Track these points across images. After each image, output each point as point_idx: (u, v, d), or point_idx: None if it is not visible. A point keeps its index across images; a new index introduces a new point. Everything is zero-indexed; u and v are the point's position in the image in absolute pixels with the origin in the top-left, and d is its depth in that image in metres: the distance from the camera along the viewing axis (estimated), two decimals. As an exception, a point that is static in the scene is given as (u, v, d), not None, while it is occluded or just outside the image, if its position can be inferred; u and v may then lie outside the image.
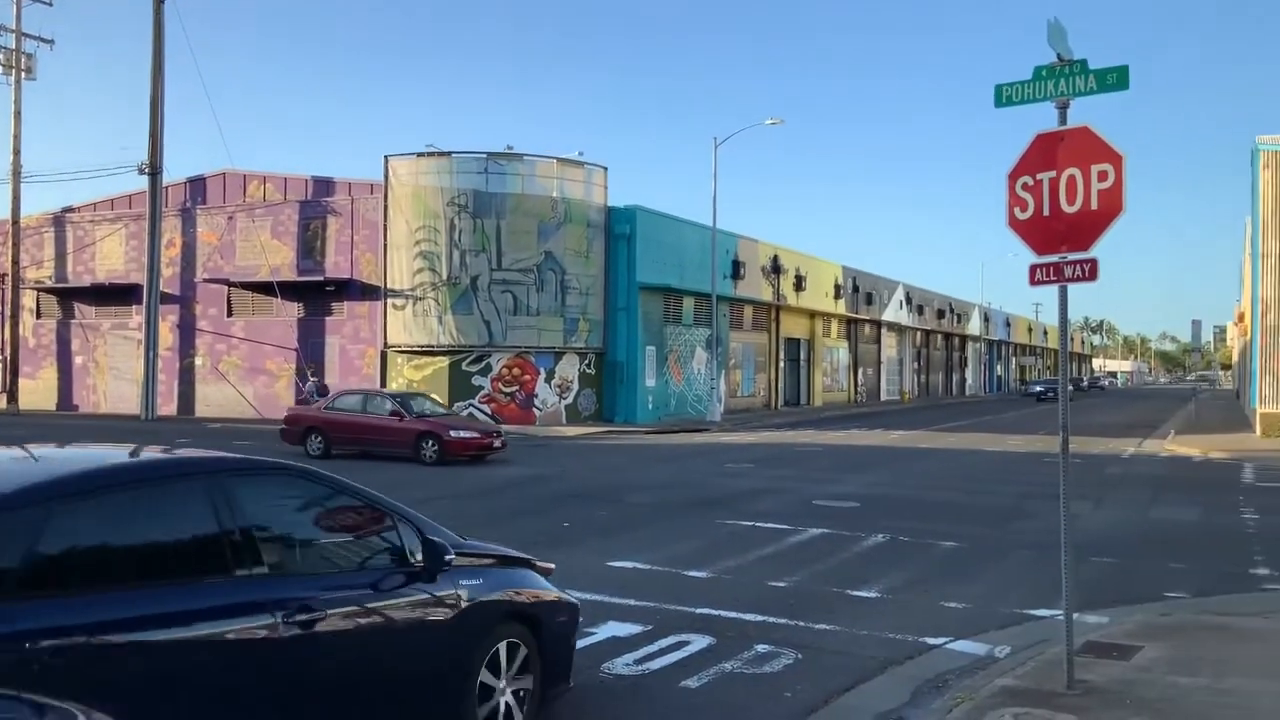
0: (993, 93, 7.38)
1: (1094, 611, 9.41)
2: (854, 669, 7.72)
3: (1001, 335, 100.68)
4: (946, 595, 10.34)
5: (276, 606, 4.68)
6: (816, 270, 56.03)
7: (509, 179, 37.57)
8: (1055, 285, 7.26)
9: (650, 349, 41.02)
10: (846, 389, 63.38)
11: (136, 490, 4.63)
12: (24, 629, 3.83)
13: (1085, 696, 6.67)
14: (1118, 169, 6.83)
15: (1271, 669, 7.38)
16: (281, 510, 5.27)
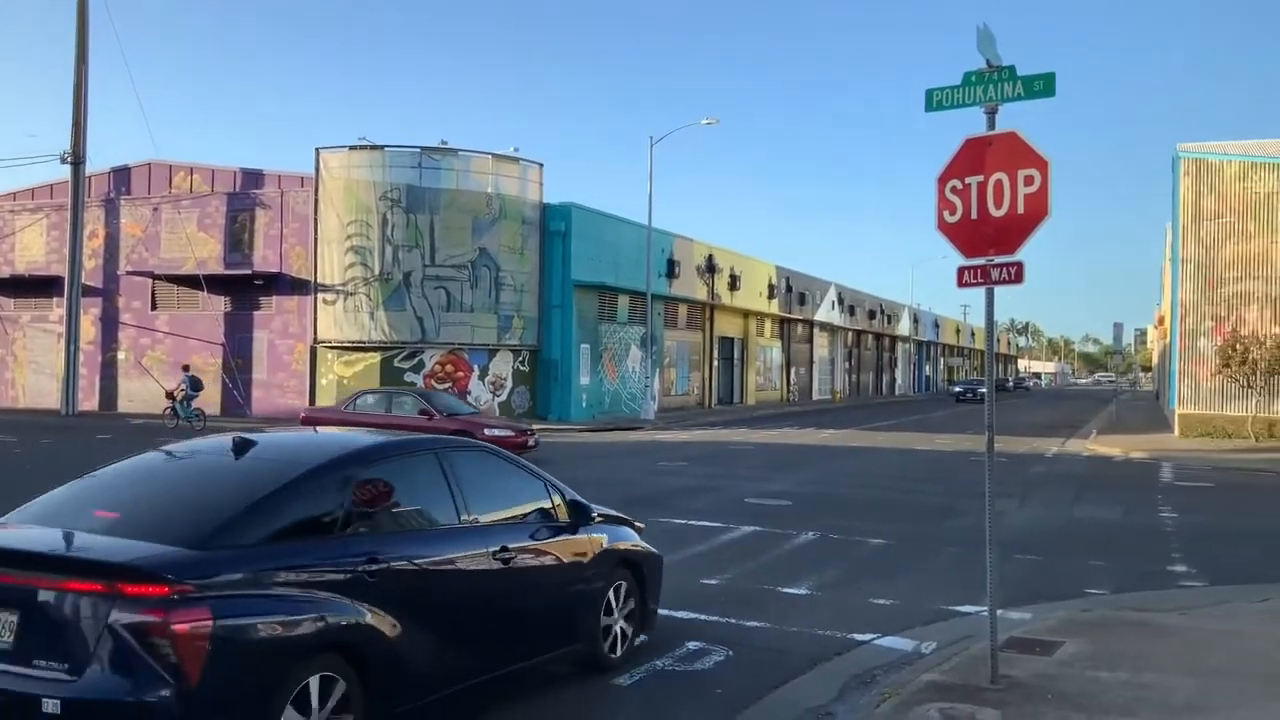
0: (924, 97, 7.48)
1: (1018, 608, 9.61)
2: (784, 665, 7.78)
3: (930, 336, 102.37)
4: (875, 592, 10.47)
5: (486, 546, 6.50)
6: (751, 270, 56.44)
7: (443, 174, 37.27)
8: (982, 287, 7.38)
9: (585, 347, 41.00)
10: (779, 388, 63.94)
11: (400, 459, 6.42)
12: (354, 561, 5.53)
13: (1008, 691, 6.80)
14: (1044, 174, 6.97)
15: (1188, 664, 7.59)
16: (480, 476, 6.92)
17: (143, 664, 4.61)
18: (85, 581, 4.77)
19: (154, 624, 4.61)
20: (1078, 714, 6.35)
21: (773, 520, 15.11)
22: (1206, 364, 34.11)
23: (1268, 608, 9.69)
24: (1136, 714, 6.37)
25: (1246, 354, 31.91)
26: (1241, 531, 15.34)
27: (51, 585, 4.79)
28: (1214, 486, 21.50)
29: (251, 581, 5.05)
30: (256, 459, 6.13)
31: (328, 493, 5.76)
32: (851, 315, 75.12)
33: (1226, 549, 13.61)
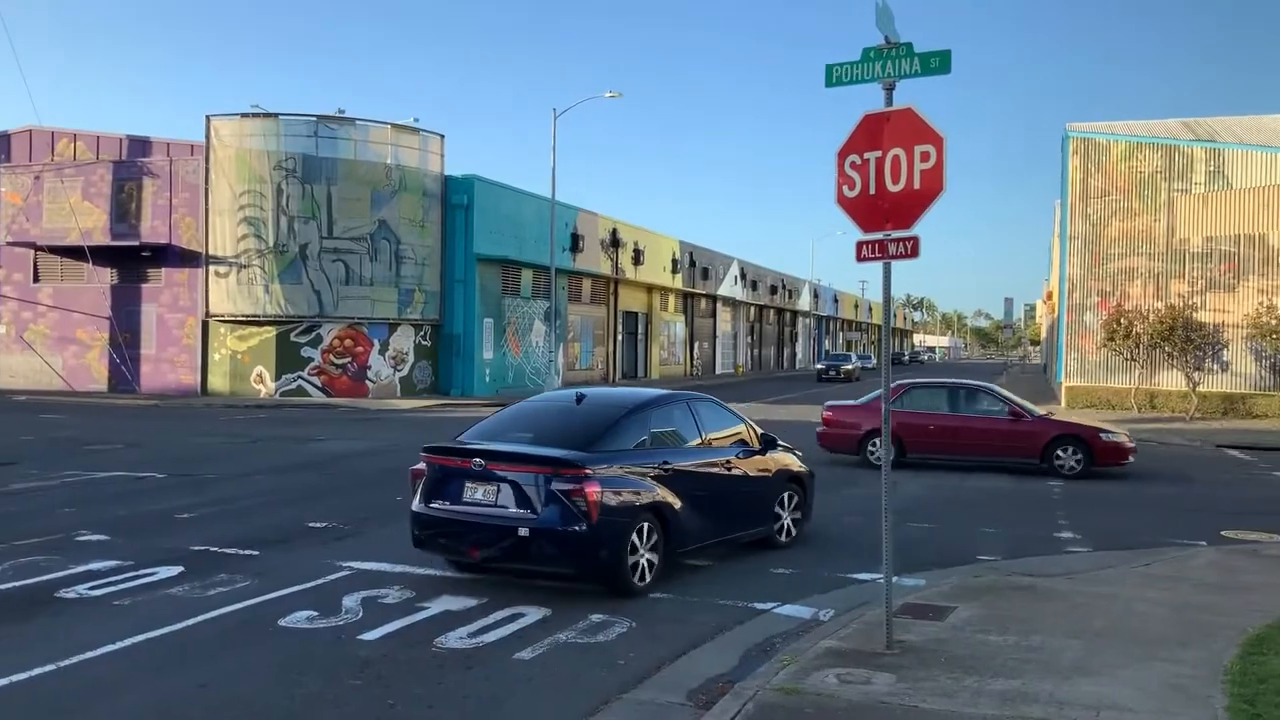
0: (824, 72, 7.55)
1: (913, 574, 9.85)
2: (686, 636, 7.86)
3: (830, 311, 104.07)
4: (776, 562, 10.63)
5: (718, 457, 10.45)
6: (655, 245, 56.54)
7: (340, 144, 36.43)
8: (880, 262, 7.50)
9: (488, 321, 40.64)
10: (683, 362, 64.34)
11: (666, 404, 10.35)
12: (653, 463, 9.47)
13: (903, 656, 6.98)
14: (939, 150, 7.10)
15: (1073, 626, 7.88)
16: (710, 415, 10.86)
17: (569, 510, 8.63)
18: (538, 468, 8.84)
19: (575, 490, 8.64)
20: (969, 676, 6.54)
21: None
22: (1092, 337, 35.37)
23: (1148, 572, 10.10)
24: (1024, 675, 6.59)
25: (1130, 328, 33.16)
26: (1125, 499, 15.97)
27: (519, 469, 8.91)
28: (1098, 455, 22.29)
29: (614, 469, 9.05)
30: (593, 404, 10.19)
31: (640, 423, 9.82)
32: (754, 290, 75.87)
33: (1109, 515, 14.16)
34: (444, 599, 8.77)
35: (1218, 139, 34.33)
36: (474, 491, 9.05)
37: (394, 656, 7.22)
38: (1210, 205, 33.60)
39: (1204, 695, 6.22)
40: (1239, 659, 6.95)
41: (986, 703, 6.05)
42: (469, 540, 9.07)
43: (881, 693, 6.22)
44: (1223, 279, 33.20)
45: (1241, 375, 32.67)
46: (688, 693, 6.53)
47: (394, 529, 12.12)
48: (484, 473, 8.98)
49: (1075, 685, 6.40)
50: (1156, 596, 8.97)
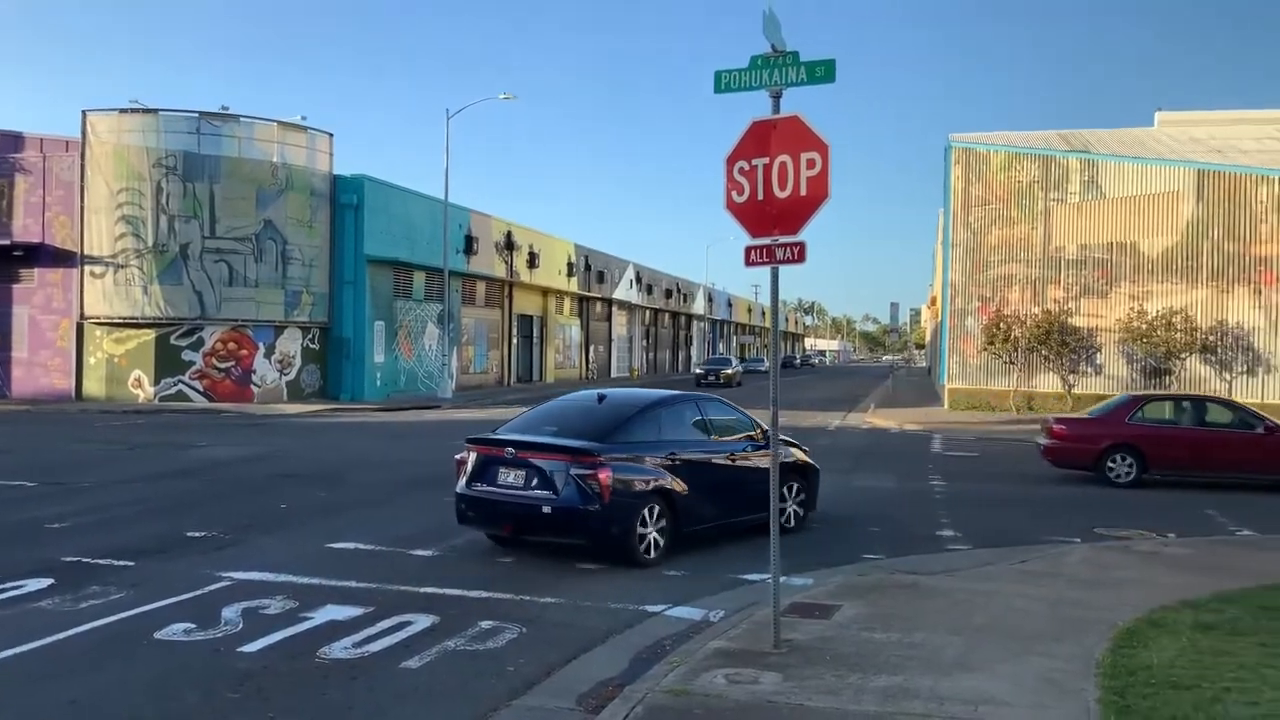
0: (713, 79, 7.61)
1: (801, 574, 10.01)
2: (577, 640, 7.83)
3: (724, 315, 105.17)
4: (668, 564, 10.66)
5: (723, 451, 11.77)
6: (550, 248, 56.38)
7: (224, 141, 35.42)
8: (768, 266, 7.60)
9: (379, 324, 39.97)
10: (578, 366, 64.29)
11: (677, 403, 11.80)
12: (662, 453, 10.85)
13: (790, 655, 7.07)
14: (824, 157, 7.22)
15: (954, 623, 8.09)
16: (718, 413, 12.29)
17: (585, 492, 10.07)
18: (560, 455, 10.31)
19: (590, 475, 10.09)
20: (853, 674, 6.66)
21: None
22: (973, 341, 36.47)
23: (1025, 569, 10.44)
24: (906, 671, 6.74)
25: (1009, 332, 34.32)
26: (1003, 497, 16.49)
27: (544, 457, 10.38)
28: (979, 456, 23.03)
29: (626, 458, 10.47)
30: (611, 402, 11.63)
31: (652, 419, 11.28)
32: (649, 294, 76.24)
33: (989, 514, 14.60)
34: (329, 609, 8.57)
35: (1091, 150, 35.76)
36: (506, 476, 10.62)
37: (275, 669, 7.03)
38: (1084, 214, 34.97)
39: (1077, 688, 6.44)
40: (1110, 652, 7.23)
41: (870, 699, 6.17)
42: (502, 517, 10.72)
43: (768, 692, 6.29)
44: (1096, 285, 34.57)
45: (1114, 378, 34.06)
46: (577, 697, 6.51)
47: (278, 537, 11.84)
48: (515, 460, 10.55)
49: (955, 681, 6.57)
50: (1033, 592, 9.27)
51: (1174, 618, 8.20)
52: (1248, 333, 31.55)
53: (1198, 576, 10.04)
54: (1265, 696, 6.14)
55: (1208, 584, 9.58)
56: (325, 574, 9.80)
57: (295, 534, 12.06)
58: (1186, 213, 32.83)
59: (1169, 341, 31.79)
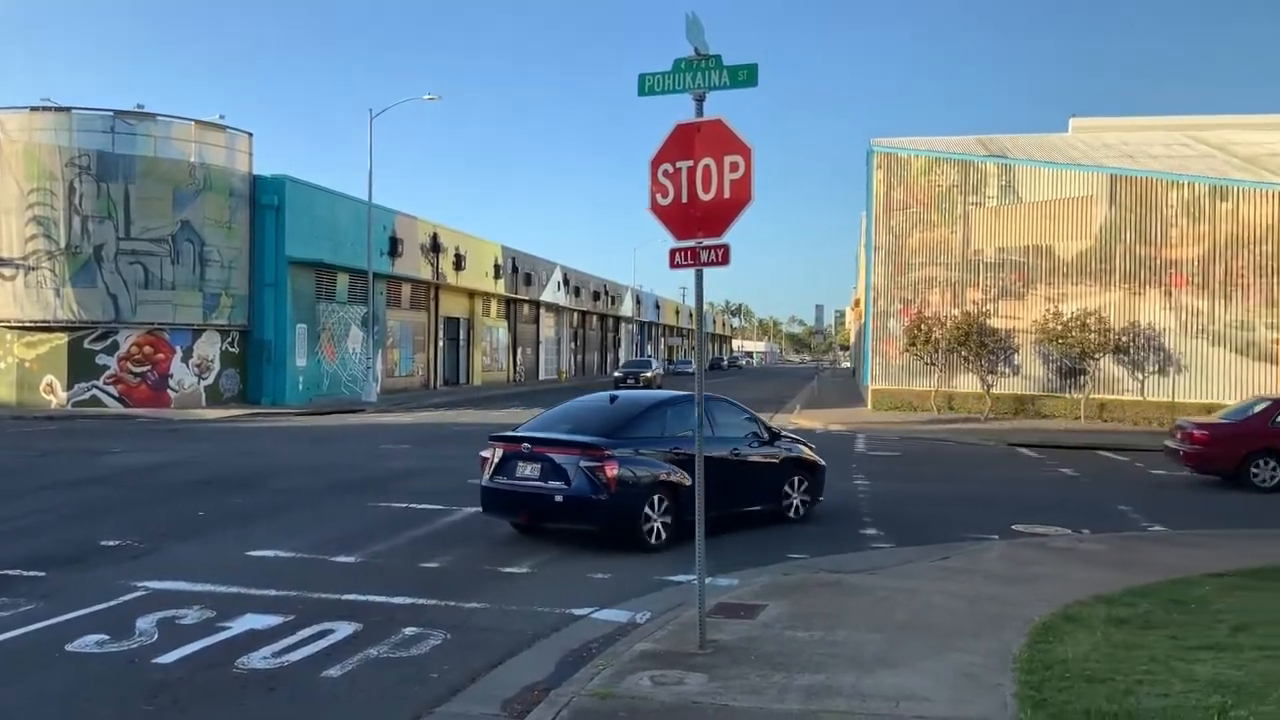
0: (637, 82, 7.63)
1: (727, 574, 10.06)
2: (503, 645, 7.77)
3: (652, 317, 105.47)
4: (594, 567, 10.66)
5: (728, 447, 12.66)
6: (477, 250, 55.99)
7: (139, 140, 34.57)
8: (693, 268, 7.63)
9: (301, 327, 39.31)
10: (506, 368, 63.93)
11: (681, 404, 12.43)
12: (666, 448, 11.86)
13: (715, 655, 7.10)
14: (747, 160, 7.28)
15: (876, 620, 8.20)
16: (722, 413, 13.18)
17: (594, 483, 11.01)
18: (571, 450, 11.28)
19: (598, 467, 11.02)
20: (777, 673, 6.72)
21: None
22: (896, 343, 37.06)
23: (945, 566, 10.64)
24: (829, 669, 6.82)
25: (930, 334, 34.93)
26: (924, 496, 16.77)
27: (557, 452, 11.34)
28: (901, 455, 23.40)
29: (632, 453, 11.43)
30: (621, 402, 12.75)
31: (658, 417, 12.27)
32: (577, 296, 76.14)
33: (911, 512, 14.83)
34: (248, 618, 8.39)
35: (1009, 155, 36.57)
36: (524, 469, 11.61)
37: (191, 680, 6.87)
38: (1002, 218, 35.75)
39: (995, 683, 6.57)
40: (1027, 647, 7.38)
41: (793, 698, 6.22)
42: (520, 506, 11.78)
43: (693, 693, 6.31)
44: (1013, 287, 35.35)
45: (1031, 378, 34.86)
46: (502, 703, 6.46)
47: (195, 545, 11.57)
48: (531, 454, 11.57)
49: (877, 677, 6.66)
50: (953, 589, 9.44)
51: (1088, 612, 8.41)
52: (1159, 333, 32.53)
53: (1111, 572, 10.31)
54: (1175, 688, 6.32)
55: (1121, 579, 9.84)
56: (244, 582, 9.59)
57: (213, 542, 11.80)
58: (1100, 217, 33.74)
59: (1084, 342, 32.63)
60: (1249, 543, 12.12)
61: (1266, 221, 30.40)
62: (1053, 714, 5.83)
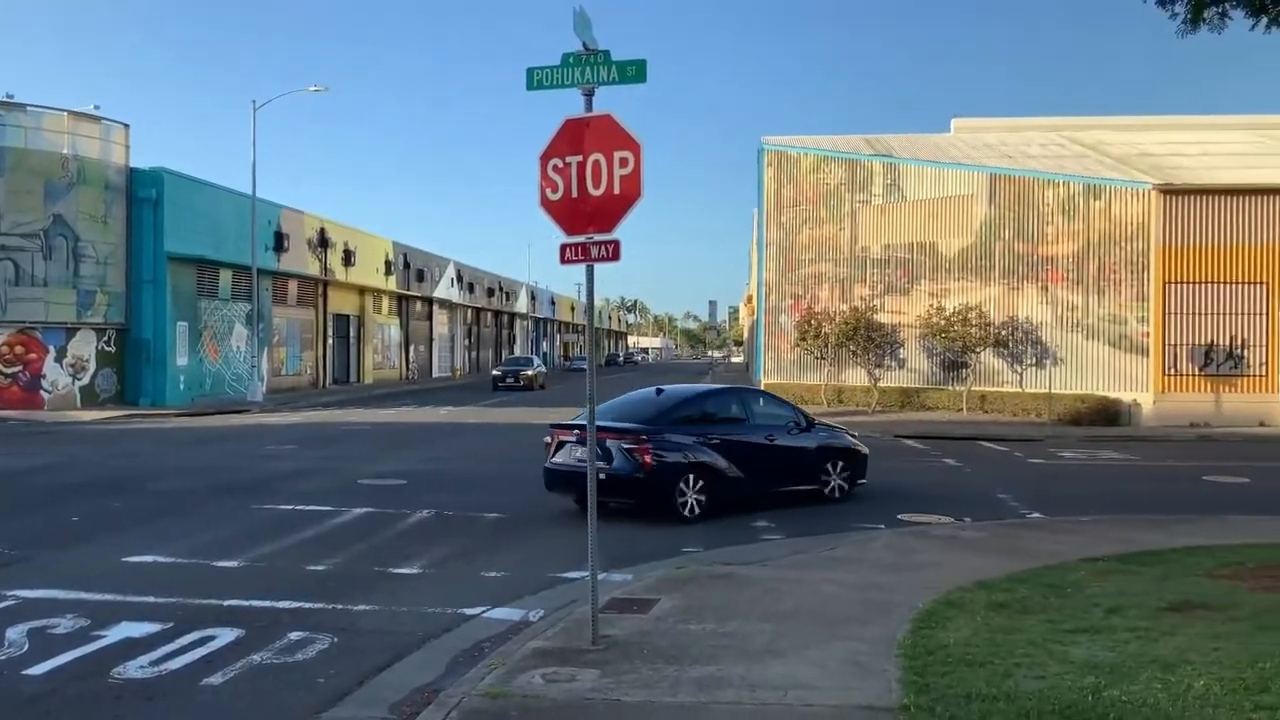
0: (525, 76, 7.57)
1: (621, 570, 10.08)
2: (392, 647, 7.65)
3: (547, 313, 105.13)
4: (488, 566, 10.57)
5: (762, 434, 14.52)
6: (367, 245, 54.97)
7: (8, 131, 33.04)
8: (584, 264, 7.62)
9: (182, 325, 38.04)
10: (398, 366, 62.96)
11: (721, 395, 15.50)
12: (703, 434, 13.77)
13: (607, 651, 7.10)
14: (636, 156, 7.29)
15: (765, 611, 8.30)
16: (759, 403, 15.37)
17: (632, 462, 12.92)
18: (613, 435, 12.96)
19: (635, 449, 12.95)
20: (669, 666, 6.75)
21: (386, 501, 14.83)
22: (787, 338, 37.66)
23: (834, 556, 10.84)
24: (720, 661, 6.88)
25: (820, 329, 35.59)
26: (814, 488, 17.04)
27: (601, 437, 12.23)
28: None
29: (667, 438, 13.19)
30: (666, 395, 14.36)
31: (695, 406, 14.26)
32: (471, 292, 75.37)
33: (802, 505, 15.03)
34: (124, 626, 8.08)
35: (894, 154, 37.45)
36: (575, 451, 13.47)
37: (64, 691, 6.58)
38: (888, 216, 36.60)
39: (880, 669, 6.71)
40: (911, 634, 7.56)
41: (684, 691, 6.26)
42: (572, 484, 13.25)
43: (585, 689, 6.30)
44: (899, 283, 36.24)
45: (916, 371, 35.78)
46: (390, 706, 6.35)
47: (69, 552, 11.11)
48: (580, 439, 13.23)
49: (766, 667, 6.74)
50: (841, 578, 9.62)
51: (969, 598, 8.66)
52: (1036, 327, 33.69)
53: (992, 558, 10.63)
54: (1051, 670, 6.54)
55: (1000, 565, 10.15)
56: (120, 589, 9.24)
57: (88, 548, 11.34)
58: (980, 214, 34.79)
59: (965, 336, 33.62)
60: (1121, 528, 12.62)
61: (1136, 219, 31.76)
62: (935, 698, 5.98)
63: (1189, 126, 41.61)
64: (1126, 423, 30.45)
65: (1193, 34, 10.00)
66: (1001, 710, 5.72)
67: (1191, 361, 31.06)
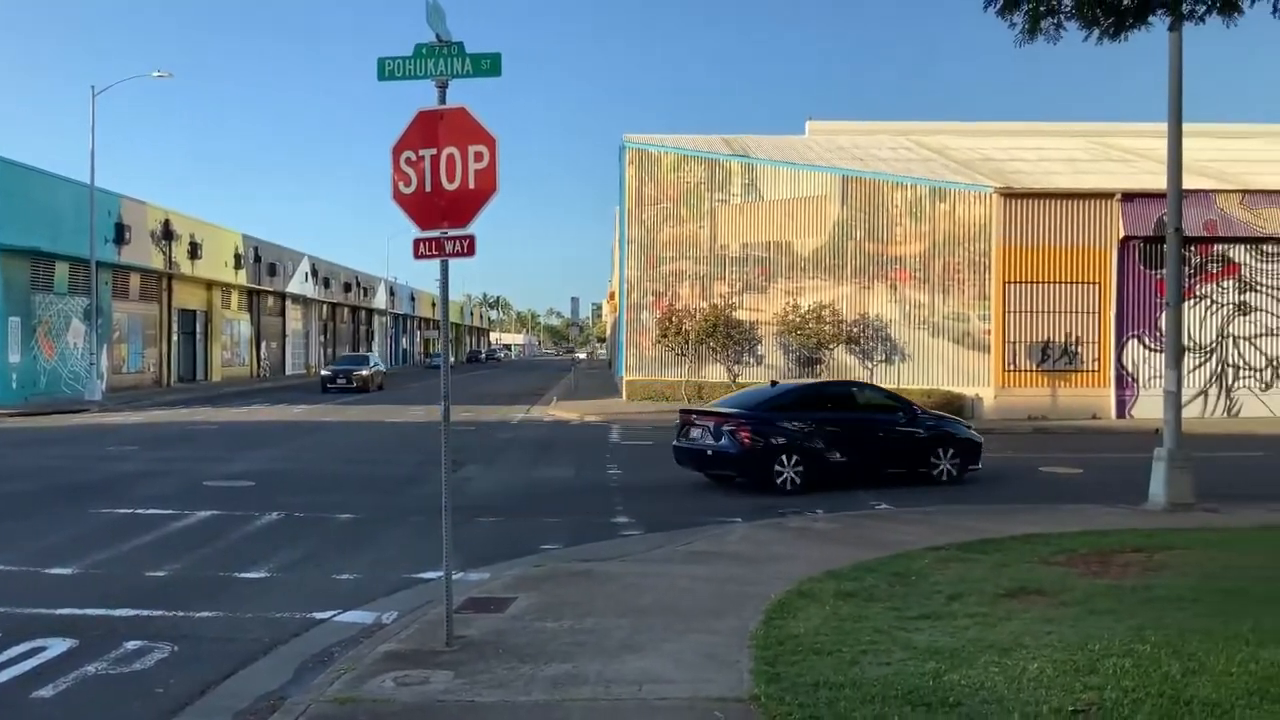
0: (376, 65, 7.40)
1: (478, 569, 9.98)
2: (237, 654, 7.39)
3: (407, 309, 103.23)
4: (339, 568, 10.32)
5: (866, 422, 16.81)
6: (215, 238, 52.91)
7: None
8: (438, 259, 7.50)
9: (14, 320, 35.89)
10: (249, 364, 60.87)
11: (828, 388, 19.11)
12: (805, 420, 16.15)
13: (462, 651, 7.02)
14: (491, 150, 7.21)
15: (623, 606, 8.34)
16: (864, 395, 18.05)
17: (734, 440, 15.68)
18: (719, 419, 16.12)
19: (736, 430, 15.73)
20: (524, 665, 6.71)
21: (234, 503, 14.32)
22: (648, 335, 37.92)
23: (690, 550, 10.96)
24: (576, 658, 6.87)
25: (681, 326, 35.98)
26: (674, 483, 17.20)
27: (713, 420, 16.19)
28: (653, 444, 23.93)
29: (767, 421, 15.81)
30: (778, 387, 17.29)
31: (798, 396, 16.81)
32: (327, 287, 73.40)
33: (661, 499, 15.22)
34: (-58, 640, 7.58)
35: (751, 154, 38.12)
36: (693, 432, 16.44)
37: None
38: (746, 215, 37.24)
39: (733, 661, 6.82)
40: (763, 625, 7.71)
41: (539, 689, 6.23)
42: (691, 458, 16.48)
43: (438, 691, 6.21)
44: (757, 281, 36.92)
45: (773, 367, 36.49)
46: (233, 715, 6.14)
47: (-120, 564, 10.35)
48: (697, 422, 16.44)
49: (622, 663, 6.77)
50: (697, 572, 9.74)
51: (819, 588, 8.88)
52: (885, 325, 34.82)
53: (842, 548, 10.94)
54: (896, 657, 6.76)
55: (850, 555, 10.45)
56: (-61, 602, 8.66)
57: (-97, 559, 10.59)
58: (833, 215, 35.73)
59: (819, 333, 34.51)
60: (964, 518, 13.15)
61: (979, 221, 33.13)
62: (785, 687, 6.11)
63: (1029, 133, 43.69)
64: (970, 416, 31.68)
65: (1031, 43, 10.46)
66: (848, 697, 5.88)
67: (1029, 358, 32.60)
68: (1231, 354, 32.60)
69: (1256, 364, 32.63)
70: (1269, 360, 32.61)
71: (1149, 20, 10.11)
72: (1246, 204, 32.05)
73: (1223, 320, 32.56)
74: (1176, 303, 14.83)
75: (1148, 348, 31.91)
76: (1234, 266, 32.50)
